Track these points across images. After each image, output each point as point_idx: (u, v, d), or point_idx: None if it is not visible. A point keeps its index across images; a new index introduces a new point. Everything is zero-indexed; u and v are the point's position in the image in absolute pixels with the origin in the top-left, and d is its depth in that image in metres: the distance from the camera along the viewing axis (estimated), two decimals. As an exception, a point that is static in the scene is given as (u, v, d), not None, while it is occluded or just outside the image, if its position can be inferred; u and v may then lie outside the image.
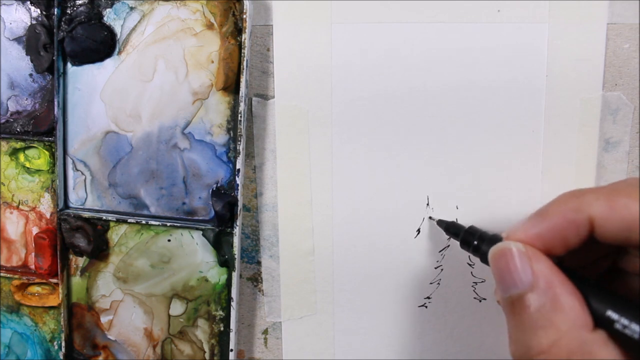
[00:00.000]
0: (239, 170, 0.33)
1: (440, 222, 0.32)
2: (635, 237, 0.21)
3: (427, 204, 0.34)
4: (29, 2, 0.34)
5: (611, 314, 0.21)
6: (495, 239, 0.26)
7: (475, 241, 0.27)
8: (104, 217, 0.35)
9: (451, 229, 0.31)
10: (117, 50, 0.33)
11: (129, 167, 0.34)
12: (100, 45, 0.33)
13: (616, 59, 0.32)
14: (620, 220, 0.21)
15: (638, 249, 0.22)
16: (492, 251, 0.24)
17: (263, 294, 0.36)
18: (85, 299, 0.37)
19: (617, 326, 0.21)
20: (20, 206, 0.37)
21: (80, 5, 0.33)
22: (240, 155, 0.32)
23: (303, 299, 0.36)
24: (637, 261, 0.24)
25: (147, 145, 0.34)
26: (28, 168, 0.36)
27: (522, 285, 0.22)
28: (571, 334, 0.21)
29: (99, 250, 0.35)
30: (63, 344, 0.37)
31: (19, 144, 0.35)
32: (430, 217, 0.34)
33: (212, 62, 0.32)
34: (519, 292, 0.22)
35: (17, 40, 0.35)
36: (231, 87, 0.33)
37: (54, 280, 0.36)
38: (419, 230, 0.34)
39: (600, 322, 0.21)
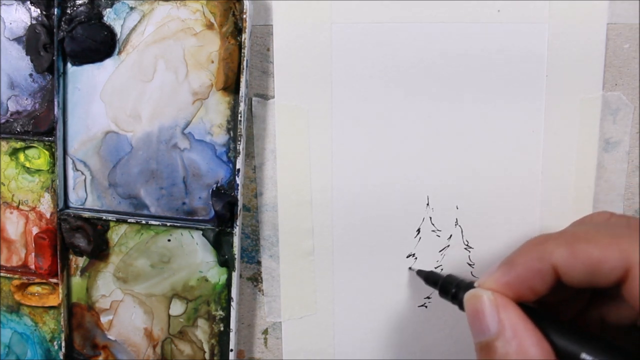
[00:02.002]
0: (239, 170, 0.33)
1: (420, 272, 0.33)
2: (598, 280, 0.22)
3: (427, 204, 0.34)
4: (29, 2, 0.34)
5: (585, 356, 0.22)
6: (470, 286, 0.26)
7: (453, 289, 0.28)
8: (104, 217, 0.35)
9: (430, 278, 0.31)
10: (117, 50, 0.33)
11: (129, 167, 0.34)
12: (100, 45, 0.33)
13: (616, 59, 0.32)
14: (582, 266, 0.22)
15: (603, 291, 0.23)
16: (465, 298, 0.25)
17: (263, 294, 0.36)
18: (85, 299, 0.37)
19: None
20: (20, 206, 0.37)
21: (80, 5, 0.33)
22: (240, 155, 0.32)
23: (303, 299, 0.36)
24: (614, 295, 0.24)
25: (147, 145, 0.34)
26: (28, 168, 0.36)
27: (489, 332, 0.23)
28: None
29: (99, 250, 0.35)
30: (63, 344, 0.37)
31: (19, 144, 0.35)
32: (409, 268, 0.35)
33: (212, 62, 0.32)
34: (487, 339, 0.23)
35: (17, 40, 0.35)
36: (231, 87, 0.33)
37: (54, 280, 0.36)
38: (419, 230, 0.34)
39: None
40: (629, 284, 0.21)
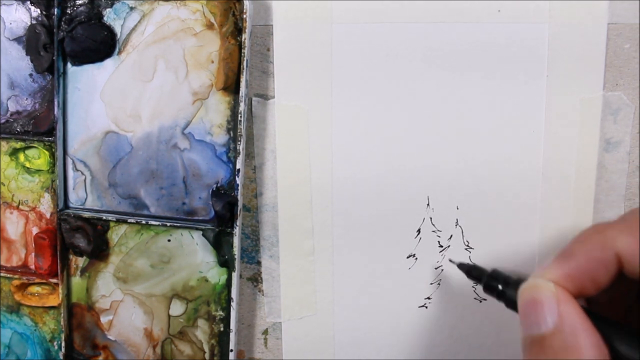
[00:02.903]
0: (239, 170, 0.33)
1: (462, 266, 0.30)
2: None
3: (427, 204, 0.34)
4: (29, 2, 0.34)
5: None
6: (520, 281, 0.25)
7: (499, 285, 0.26)
8: (104, 217, 0.35)
9: (473, 272, 0.29)
10: (117, 50, 0.33)
11: (129, 167, 0.34)
12: (100, 45, 0.33)
13: (617, 59, 0.32)
14: None
15: None
16: (522, 288, 0.23)
17: (263, 294, 0.36)
18: (85, 299, 0.37)
19: None
20: (20, 206, 0.37)
21: (80, 5, 0.33)
22: (240, 155, 0.32)
23: (303, 299, 0.36)
24: None
25: (147, 145, 0.34)
26: (28, 168, 0.36)
27: (546, 326, 0.21)
28: None
29: (99, 250, 0.35)
30: (63, 344, 0.37)
31: (19, 144, 0.35)
32: (450, 260, 0.33)
33: (212, 62, 0.32)
34: (542, 332, 0.21)
35: (17, 40, 0.35)
36: (231, 87, 0.33)
37: (54, 280, 0.36)
38: (419, 230, 0.34)
39: None
40: None
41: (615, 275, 0.21)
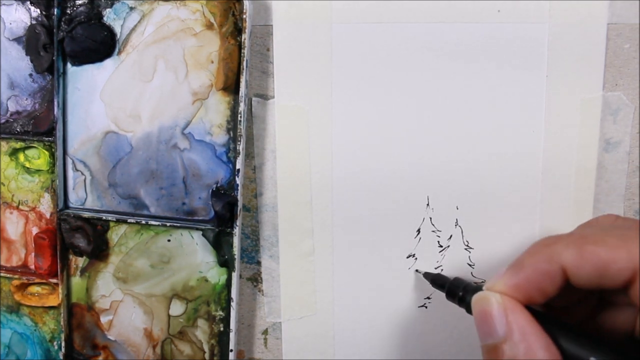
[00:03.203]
0: (239, 170, 0.33)
1: (427, 275, 0.33)
2: (607, 282, 0.22)
3: (427, 204, 0.34)
4: (29, 2, 0.34)
5: None
6: (478, 289, 0.26)
7: (460, 292, 0.28)
8: (104, 217, 0.35)
9: (437, 281, 0.32)
10: (117, 50, 0.33)
11: (129, 167, 0.34)
12: (100, 45, 0.33)
13: (616, 59, 0.32)
14: (590, 267, 0.22)
15: (612, 292, 0.23)
16: (473, 300, 0.25)
17: (263, 294, 0.36)
18: (85, 299, 0.37)
19: None
20: (20, 206, 0.37)
21: (80, 5, 0.33)
22: (240, 155, 0.32)
23: (303, 299, 0.36)
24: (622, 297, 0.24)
25: (147, 145, 0.34)
26: (28, 168, 0.36)
27: (497, 335, 0.23)
28: None
29: (99, 250, 0.35)
30: (63, 344, 0.37)
31: (19, 144, 0.35)
32: (416, 270, 0.35)
33: (212, 62, 0.32)
34: (494, 341, 0.23)
35: (17, 40, 0.35)
36: (231, 87, 0.33)
37: (54, 280, 0.36)
38: (419, 230, 0.34)
39: None
40: (636, 286, 0.21)
41: (562, 285, 0.23)
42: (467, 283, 0.28)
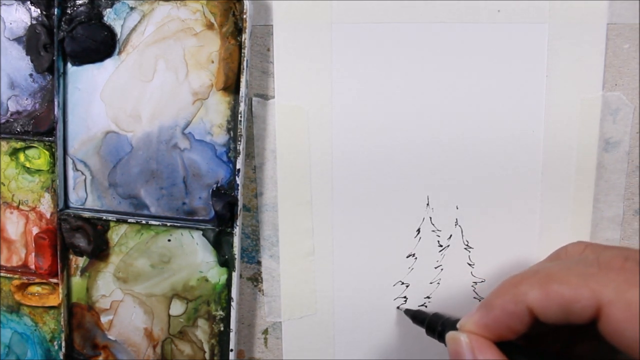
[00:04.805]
0: (239, 170, 0.33)
1: (407, 312, 0.34)
2: (573, 318, 0.22)
3: (427, 204, 0.34)
4: (29, 2, 0.34)
5: None
6: (455, 325, 0.27)
7: (439, 328, 0.29)
8: (104, 217, 0.35)
9: (417, 317, 0.32)
10: (117, 50, 0.33)
11: (129, 167, 0.34)
12: (100, 45, 0.33)
13: (616, 59, 0.32)
14: (556, 306, 0.23)
15: (580, 328, 0.23)
16: (446, 339, 0.26)
17: (263, 294, 0.36)
18: (85, 299, 0.37)
19: None
20: (20, 206, 0.37)
21: (81, 5, 0.33)
22: (240, 155, 0.32)
23: (303, 299, 0.36)
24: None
25: (147, 145, 0.34)
26: (28, 168, 0.36)
27: None
28: None
29: (99, 250, 0.35)
30: (63, 344, 0.37)
31: (19, 144, 0.35)
32: (397, 307, 0.35)
33: (212, 62, 0.32)
34: None
35: (17, 40, 0.35)
36: (231, 87, 0.33)
37: (54, 280, 0.36)
38: (419, 230, 0.34)
39: None
40: (603, 322, 0.22)
41: (531, 322, 0.24)
42: (445, 318, 0.29)
